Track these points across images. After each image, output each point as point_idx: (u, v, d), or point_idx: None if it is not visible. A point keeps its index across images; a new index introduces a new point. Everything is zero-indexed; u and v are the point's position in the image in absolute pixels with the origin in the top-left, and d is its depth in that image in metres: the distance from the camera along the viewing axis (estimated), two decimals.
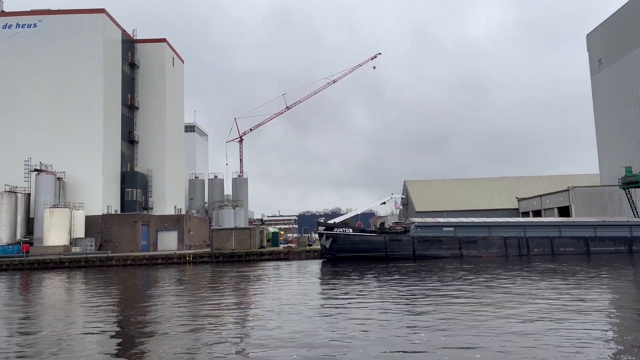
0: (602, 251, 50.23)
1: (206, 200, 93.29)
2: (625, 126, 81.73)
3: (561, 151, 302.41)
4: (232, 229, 61.36)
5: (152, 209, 77.60)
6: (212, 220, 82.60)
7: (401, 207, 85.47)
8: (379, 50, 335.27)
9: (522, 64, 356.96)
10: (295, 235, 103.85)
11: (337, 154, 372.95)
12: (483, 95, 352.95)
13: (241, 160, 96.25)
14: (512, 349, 12.10)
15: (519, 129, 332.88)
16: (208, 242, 68.83)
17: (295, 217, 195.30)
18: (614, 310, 17.77)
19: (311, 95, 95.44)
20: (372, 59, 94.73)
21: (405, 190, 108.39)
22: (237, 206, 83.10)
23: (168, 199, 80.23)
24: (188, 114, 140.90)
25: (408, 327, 15.26)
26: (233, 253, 55.31)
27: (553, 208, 78.98)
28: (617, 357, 11.20)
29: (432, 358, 11.49)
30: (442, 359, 11.38)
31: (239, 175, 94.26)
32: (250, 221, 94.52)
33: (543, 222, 56.38)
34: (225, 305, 21.08)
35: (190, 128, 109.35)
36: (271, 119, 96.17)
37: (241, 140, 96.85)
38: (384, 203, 68.76)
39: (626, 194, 63.43)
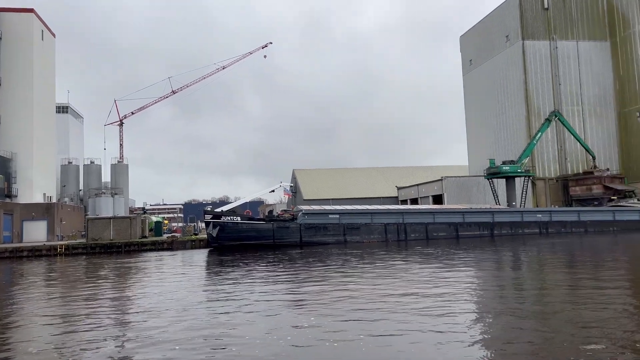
0: (469, 235, 55.35)
1: (81, 187, 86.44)
2: (489, 122, 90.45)
3: (438, 143, 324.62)
4: (110, 218, 57.73)
5: (16, 196, 69.97)
6: (87, 208, 76.83)
7: (290, 195, 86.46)
8: (271, 37, 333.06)
9: (407, 58, 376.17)
10: (180, 224, 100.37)
11: (228, 140, 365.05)
12: (371, 87, 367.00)
13: (121, 145, 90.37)
14: (397, 330, 12.87)
15: (402, 121, 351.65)
16: (83, 233, 63.95)
17: (180, 206, 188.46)
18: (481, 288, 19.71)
19: (199, 80, 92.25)
20: (263, 48, 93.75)
21: (294, 179, 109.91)
22: (116, 194, 78.16)
23: (36, 185, 72.88)
24: (61, 93, 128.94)
25: (296, 314, 15.53)
26: (111, 243, 52.08)
27: (428, 196, 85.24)
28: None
29: (322, 344, 11.81)
30: (331, 345, 11.75)
31: (118, 161, 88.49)
32: (131, 210, 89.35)
33: (419, 209, 60.70)
34: (98, 300, 19.79)
35: (63, 109, 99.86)
36: (155, 102, 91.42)
37: (121, 124, 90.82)
38: (273, 191, 68.90)
39: (489, 184, 70.46)
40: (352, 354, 10.66)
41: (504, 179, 69.07)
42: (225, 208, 57.75)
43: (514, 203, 66.69)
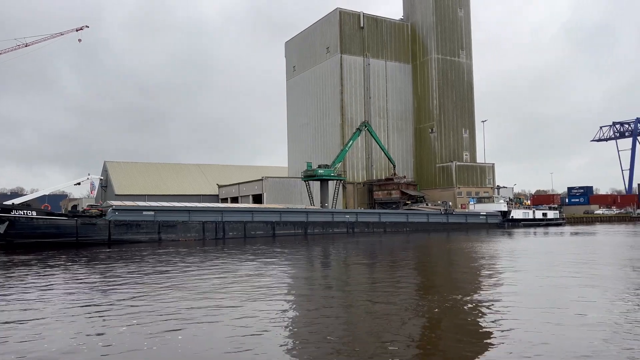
0: (285, 234, 57.69)
1: None
2: (308, 127, 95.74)
3: (266, 143, 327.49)
4: None
5: None
6: None
7: (94, 191, 79.02)
8: (99, 9, 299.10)
9: (243, 52, 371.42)
10: None
11: (33, 121, 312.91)
12: (205, 78, 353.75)
13: None
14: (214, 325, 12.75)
15: (233, 117, 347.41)
16: None
17: None
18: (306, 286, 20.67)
19: None
20: (77, 31, 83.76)
21: (105, 172, 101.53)
22: None
23: None
24: None
25: (100, 319, 14.36)
26: None
27: (249, 195, 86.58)
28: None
29: (137, 349, 11.11)
30: (145, 347, 11.13)
31: None
32: None
33: (238, 207, 61.24)
34: None
35: None
36: None
37: None
38: (79, 184, 62.56)
39: (306, 185, 74.52)
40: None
41: (319, 182, 73.76)
42: (17, 201, 50.68)
43: (326, 204, 71.61)
